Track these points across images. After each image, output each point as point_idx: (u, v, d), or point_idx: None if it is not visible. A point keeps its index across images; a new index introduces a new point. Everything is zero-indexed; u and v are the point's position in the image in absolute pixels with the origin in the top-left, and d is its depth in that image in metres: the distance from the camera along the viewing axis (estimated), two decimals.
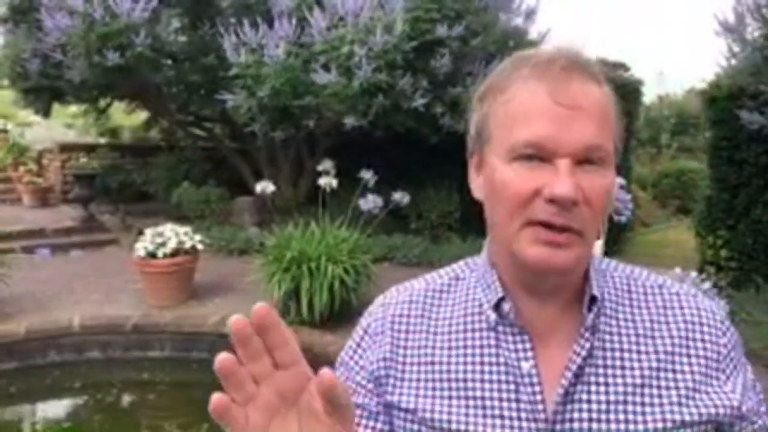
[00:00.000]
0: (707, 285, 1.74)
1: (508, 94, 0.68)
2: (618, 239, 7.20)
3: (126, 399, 4.38)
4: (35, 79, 7.35)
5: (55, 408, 4.26)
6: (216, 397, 0.47)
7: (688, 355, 0.71)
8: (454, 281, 0.81)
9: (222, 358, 0.47)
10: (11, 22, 7.45)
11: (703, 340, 0.72)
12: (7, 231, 7.12)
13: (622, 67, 11.95)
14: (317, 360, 4.13)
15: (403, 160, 7.18)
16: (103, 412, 4.18)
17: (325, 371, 0.48)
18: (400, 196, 4.98)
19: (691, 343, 0.71)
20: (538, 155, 0.65)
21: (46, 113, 8.87)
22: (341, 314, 4.47)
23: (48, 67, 6.96)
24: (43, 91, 7.91)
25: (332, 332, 4.36)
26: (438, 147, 6.83)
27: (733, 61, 4.80)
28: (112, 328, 4.58)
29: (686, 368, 0.70)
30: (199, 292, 5.29)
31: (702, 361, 0.71)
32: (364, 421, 0.77)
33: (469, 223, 6.81)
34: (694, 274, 1.76)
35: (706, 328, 0.72)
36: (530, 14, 7.28)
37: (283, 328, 0.48)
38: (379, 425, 0.77)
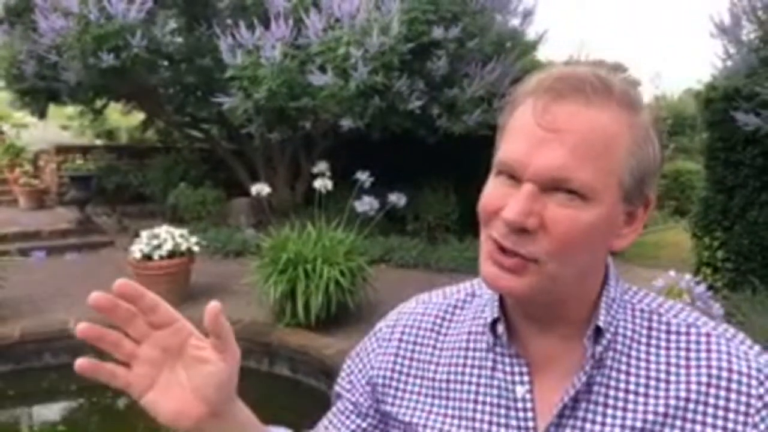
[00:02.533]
0: (702, 287, 1.74)
1: (513, 109, 0.66)
2: None
3: (121, 402, 4.37)
4: (31, 81, 7.35)
5: (51, 411, 4.24)
6: (78, 362, 0.58)
7: (706, 404, 0.63)
8: (470, 297, 0.79)
9: (81, 327, 0.57)
10: (6, 23, 7.43)
11: (728, 389, 0.63)
12: (2, 233, 7.10)
13: (620, 68, 11.98)
14: (312, 362, 4.14)
15: (399, 162, 7.18)
16: (98, 414, 4.18)
17: (211, 304, 0.58)
18: (397, 198, 4.98)
19: (712, 391, 0.63)
20: (511, 174, 0.62)
21: (42, 115, 8.86)
22: (337, 316, 4.47)
23: (44, 69, 6.95)
24: (39, 93, 7.91)
25: (328, 334, 4.35)
26: (435, 148, 6.83)
27: (729, 63, 4.81)
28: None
29: (699, 418, 0.63)
30: (195, 294, 5.28)
31: (722, 413, 0.62)
32: (353, 417, 0.79)
33: (467, 225, 6.82)
34: (688, 276, 1.75)
35: (735, 376, 0.63)
36: (527, 15, 7.29)
37: (150, 296, 0.59)
38: (364, 424, 0.78)
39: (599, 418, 0.65)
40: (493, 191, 0.64)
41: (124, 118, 10.90)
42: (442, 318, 0.79)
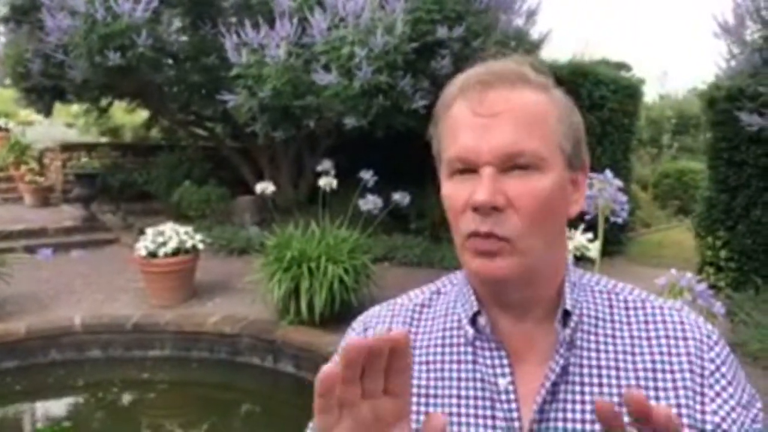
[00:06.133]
0: (703, 285, 1.75)
1: (445, 116, 0.71)
2: (618, 240, 7.21)
3: (127, 398, 4.41)
4: (37, 79, 7.38)
5: (57, 406, 4.29)
6: (329, 368, 0.47)
7: (672, 371, 0.68)
8: (436, 295, 0.81)
9: (328, 369, 0.47)
10: (13, 22, 7.47)
11: (688, 354, 0.68)
12: (8, 230, 7.14)
13: (624, 67, 11.95)
14: (316, 359, 4.17)
15: (403, 160, 7.19)
16: (104, 410, 4.21)
17: (433, 415, 0.48)
18: (401, 197, 4.99)
19: (674, 359, 0.68)
20: (467, 168, 0.66)
21: (47, 113, 8.90)
22: (341, 314, 4.49)
23: (50, 67, 6.99)
24: (45, 91, 7.94)
25: (332, 332, 4.37)
26: (432, 149, 6.84)
27: (733, 63, 4.82)
28: (112, 328, 4.60)
29: (669, 385, 0.67)
30: (199, 292, 5.32)
31: (688, 375, 0.67)
32: None
33: None
34: (689, 274, 1.76)
35: (691, 342, 0.69)
36: (531, 15, 7.29)
37: (409, 358, 0.49)
38: None
39: (578, 397, 0.68)
40: (453, 190, 0.68)
41: (128, 116, 10.93)
42: (411, 317, 0.79)
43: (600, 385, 0.68)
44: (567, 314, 0.70)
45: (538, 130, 0.66)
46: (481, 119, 0.66)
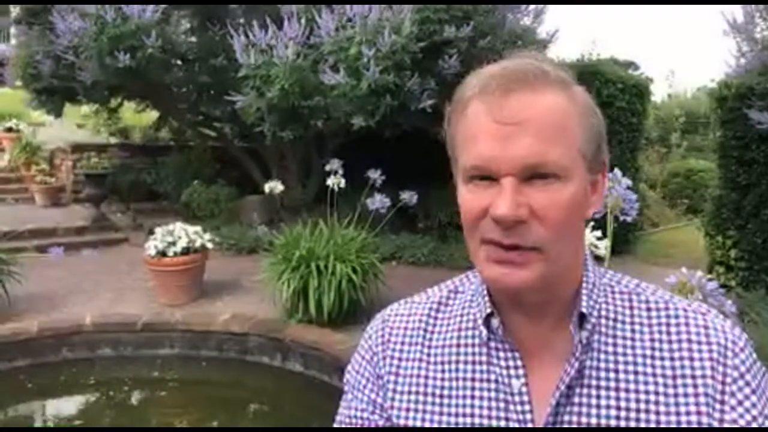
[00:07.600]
0: (713, 284, 1.74)
1: (462, 115, 0.69)
2: (627, 239, 7.18)
3: (137, 396, 4.44)
4: (48, 80, 7.44)
5: (68, 405, 4.32)
6: None
7: (693, 377, 0.65)
8: (453, 294, 0.81)
9: None
10: (24, 23, 7.54)
11: (711, 359, 0.65)
12: (19, 230, 7.20)
13: (632, 65, 11.89)
14: (325, 358, 4.18)
15: (411, 160, 7.20)
16: (114, 408, 4.24)
17: None
18: (408, 196, 4.99)
19: (696, 364, 0.66)
20: (486, 176, 0.64)
21: (58, 113, 8.97)
22: (349, 313, 4.50)
23: (60, 69, 7.04)
24: (56, 92, 8.00)
25: (340, 331, 4.39)
26: (446, 146, 6.83)
27: (742, 61, 4.79)
28: (123, 326, 4.63)
29: (690, 390, 0.65)
30: (208, 291, 5.34)
31: (710, 382, 0.65)
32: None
33: None
34: (699, 273, 1.76)
35: (714, 347, 0.66)
36: (539, 14, 7.27)
37: None
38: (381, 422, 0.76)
39: (594, 401, 0.67)
40: (472, 196, 0.66)
41: (138, 117, 10.99)
42: (428, 316, 0.79)
43: (617, 389, 0.66)
44: (583, 317, 0.68)
45: (560, 138, 0.64)
46: (502, 127, 0.63)
